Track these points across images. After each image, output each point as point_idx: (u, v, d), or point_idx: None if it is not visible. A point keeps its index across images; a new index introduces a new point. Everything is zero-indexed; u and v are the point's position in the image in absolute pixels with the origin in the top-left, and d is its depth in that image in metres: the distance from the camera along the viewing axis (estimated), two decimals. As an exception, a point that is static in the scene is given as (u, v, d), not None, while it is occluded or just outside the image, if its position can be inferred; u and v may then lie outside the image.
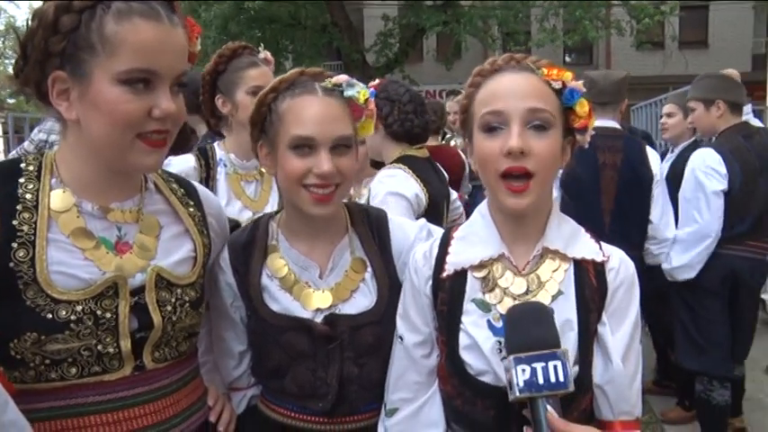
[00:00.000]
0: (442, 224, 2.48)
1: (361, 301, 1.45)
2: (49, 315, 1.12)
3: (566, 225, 1.35)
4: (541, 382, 1.08)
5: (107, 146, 1.15)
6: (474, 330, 1.29)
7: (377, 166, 2.63)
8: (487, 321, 1.29)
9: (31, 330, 1.11)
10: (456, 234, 1.39)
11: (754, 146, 3.35)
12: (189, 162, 2.22)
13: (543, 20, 13.34)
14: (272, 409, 1.49)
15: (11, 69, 1.22)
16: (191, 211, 1.38)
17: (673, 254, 3.35)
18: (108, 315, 1.17)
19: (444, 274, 1.34)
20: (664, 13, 13.12)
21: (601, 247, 1.34)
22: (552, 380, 1.08)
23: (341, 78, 1.46)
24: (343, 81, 1.45)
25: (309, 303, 1.44)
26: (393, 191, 2.34)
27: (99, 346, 1.16)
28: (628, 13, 13.44)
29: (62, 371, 1.15)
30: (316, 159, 1.38)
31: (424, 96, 2.94)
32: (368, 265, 1.49)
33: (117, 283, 1.19)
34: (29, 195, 1.18)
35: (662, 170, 3.48)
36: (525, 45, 14.25)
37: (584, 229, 1.37)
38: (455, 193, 2.91)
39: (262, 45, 2.46)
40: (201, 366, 1.46)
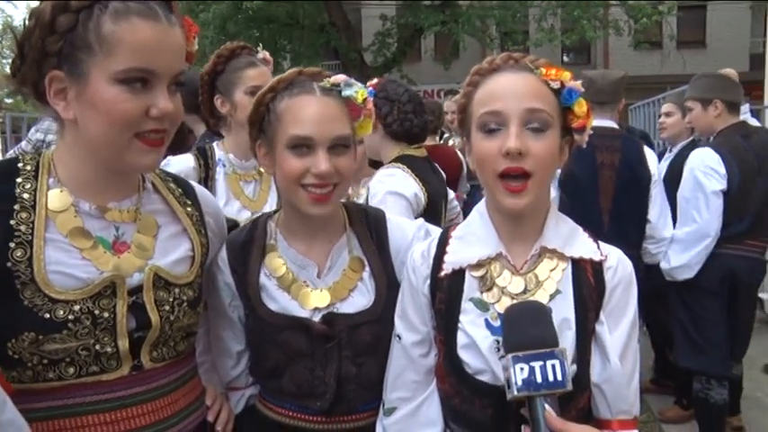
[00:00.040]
0: (440, 223, 2.48)
1: (359, 300, 1.45)
2: (47, 315, 1.12)
3: (564, 224, 1.36)
4: (539, 380, 1.08)
5: (104, 145, 1.15)
6: (472, 329, 1.29)
7: (375, 165, 2.63)
8: (485, 320, 1.29)
9: (29, 330, 1.11)
10: (454, 233, 1.40)
11: (753, 145, 3.35)
12: (188, 162, 2.22)
13: (541, 19, 13.33)
14: (270, 408, 1.49)
15: (8, 69, 1.22)
16: (188, 210, 1.38)
17: (672, 254, 3.35)
18: (106, 315, 1.17)
19: (442, 274, 1.34)
20: (662, 13, 13.13)
21: (599, 247, 1.34)
22: (550, 379, 1.08)
23: (339, 78, 1.46)
24: (341, 81, 1.46)
25: (307, 302, 1.44)
26: (392, 190, 2.34)
27: (97, 346, 1.16)
28: (626, 13, 13.44)
29: (60, 370, 1.15)
30: (314, 159, 1.38)
31: (422, 96, 2.93)
32: (366, 264, 1.49)
33: (115, 282, 1.18)
34: (26, 195, 1.17)
35: (659, 170, 3.48)
36: (523, 45, 14.25)
37: (581, 229, 1.37)
38: (452, 193, 2.91)
39: (260, 45, 2.46)
40: (199, 366, 1.46)
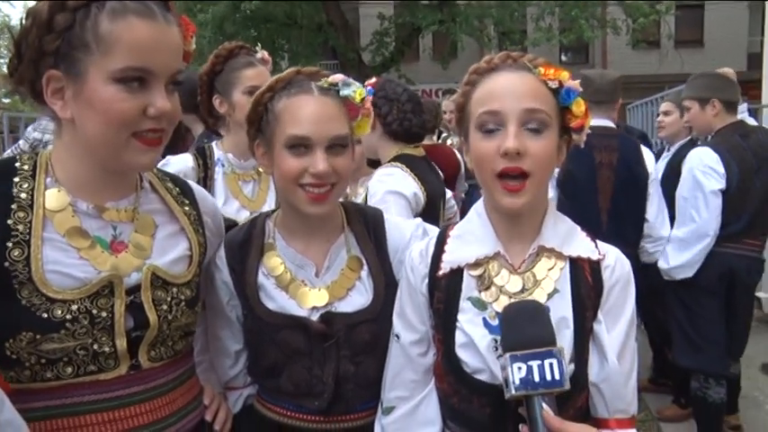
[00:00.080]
0: (438, 223, 2.48)
1: (358, 299, 1.45)
2: (45, 314, 1.12)
3: (561, 223, 1.36)
4: (537, 380, 1.08)
5: (102, 145, 1.15)
6: (470, 328, 1.29)
7: (373, 165, 2.62)
8: (483, 319, 1.29)
9: (27, 330, 1.11)
10: (452, 232, 1.40)
11: (751, 144, 3.35)
12: (187, 162, 2.22)
13: (539, 19, 13.33)
14: (268, 408, 1.49)
15: (5, 68, 1.22)
16: (186, 209, 1.38)
17: (671, 253, 3.34)
18: (104, 314, 1.17)
19: (440, 273, 1.34)
20: (659, 12, 13.14)
21: (596, 246, 1.34)
22: (548, 378, 1.08)
23: (337, 78, 1.46)
24: (339, 80, 1.45)
25: (305, 301, 1.44)
26: (392, 189, 2.33)
27: (95, 346, 1.16)
28: (624, 12, 13.45)
29: (58, 370, 1.15)
30: (311, 159, 1.38)
31: (420, 95, 2.93)
32: (364, 263, 1.49)
33: (112, 282, 1.18)
34: (24, 195, 1.17)
35: (656, 169, 3.48)
36: (521, 44, 14.23)
37: (579, 228, 1.37)
38: (449, 192, 2.90)
39: (259, 45, 2.46)
40: (197, 366, 1.46)
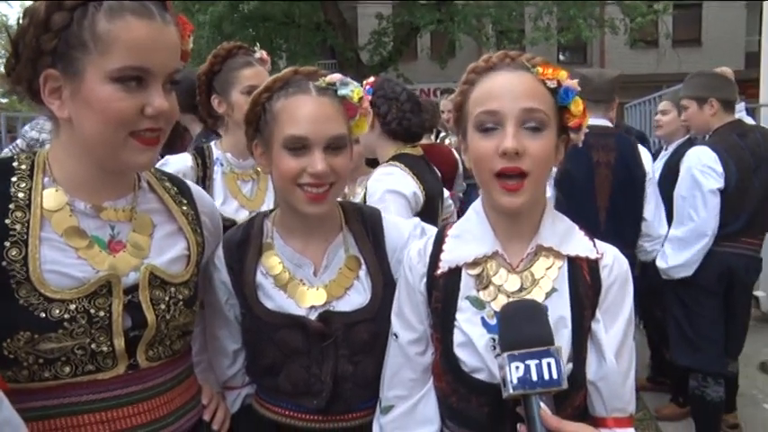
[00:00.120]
0: (436, 222, 2.48)
1: (356, 298, 1.46)
2: (43, 314, 1.11)
3: (560, 223, 1.36)
4: (535, 379, 1.08)
5: (100, 144, 1.15)
6: (468, 327, 1.29)
7: (371, 164, 2.62)
8: (481, 318, 1.29)
9: (25, 329, 1.11)
10: (450, 232, 1.40)
11: (749, 144, 3.36)
12: (186, 161, 2.23)
13: (537, 18, 13.34)
14: (266, 407, 1.49)
15: (2, 68, 1.21)
16: (184, 209, 1.38)
17: (669, 253, 3.35)
18: (101, 314, 1.17)
19: (439, 272, 1.34)
20: (657, 11, 13.15)
21: (595, 245, 1.34)
22: (546, 377, 1.08)
23: (335, 77, 1.46)
24: (336, 80, 1.45)
25: (304, 301, 1.44)
26: (391, 189, 2.33)
27: (92, 345, 1.16)
28: (621, 12, 13.46)
29: (55, 370, 1.14)
30: (310, 159, 1.38)
31: (418, 95, 2.93)
32: (362, 262, 1.49)
33: (110, 281, 1.18)
34: (21, 194, 1.17)
35: (653, 168, 3.48)
36: (519, 43, 14.24)
37: (578, 227, 1.37)
38: (446, 192, 2.90)
39: (258, 45, 2.46)
40: (196, 365, 1.46)
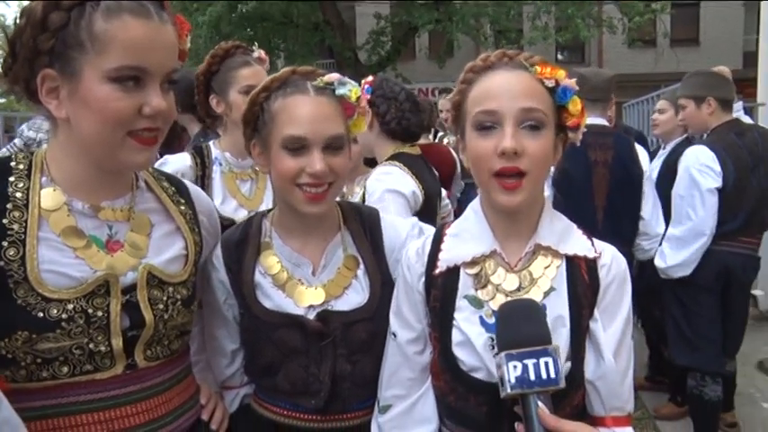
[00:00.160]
0: (435, 221, 2.48)
1: (354, 297, 1.46)
2: (41, 314, 1.11)
3: (558, 222, 1.36)
4: (533, 378, 1.09)
5: (97, 144, 1.15)
6: (466, 327, 1.29)
7: (370, 164, 2.62)
8: (480, 318, 1.29)
9: (23, 329, 1.11)
10: (449, 231, 1.40)
11: (746, 143, 3.36)
12: (185, 161, 2.23)
13: (535, 18, 13.33)
14: (264, 407, 1.49)
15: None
16: (182, 209, 1.38)
17: (667, 252, 3.35)
18: (99, 313, 1.17)
19: (437, 271, 1.34)
20: (655, 11, 13.15)
21: (593, 244, 1.34)
22: (543, 376, 1.09)
23: (333, 77, 1.46)
24: (334, 79, 1.45)
25: (302, 300, 1.44)
26: (391, 188, 2.32)
27: (90, 345, 1.16)
28: (619, 11, 13.46)
29: (54, 369, 1.14)
30: (308, 159, 1.38)
31: (417, 94, 2.93)
32: (360, 262, 1.49)
33: (108, 281, 1.18)
34: (19, 194, 1.17)
35: (651, 167, 3.49)
36: (517, 43, 14.24)
37: (576, 226, 1.37)
38: (444, 191, 2.90)
39: (256, 44, 2.46)
40: (194, 365, 1.46)
